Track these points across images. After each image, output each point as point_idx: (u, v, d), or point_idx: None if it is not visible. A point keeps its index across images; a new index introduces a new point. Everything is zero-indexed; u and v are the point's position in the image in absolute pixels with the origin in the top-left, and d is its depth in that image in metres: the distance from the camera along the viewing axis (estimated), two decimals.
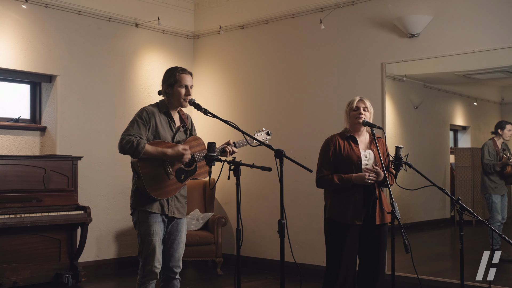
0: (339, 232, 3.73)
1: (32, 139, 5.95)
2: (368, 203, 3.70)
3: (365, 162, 3.73)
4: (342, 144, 3.78)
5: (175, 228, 3.60)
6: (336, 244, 3.75)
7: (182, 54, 7.17)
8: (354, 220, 3.69)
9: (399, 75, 5.94)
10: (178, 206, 3.59)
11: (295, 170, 4.31)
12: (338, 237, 3.73)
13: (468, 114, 6.85)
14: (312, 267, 5.90)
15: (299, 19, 6.29)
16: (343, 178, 3.69)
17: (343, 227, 3.71)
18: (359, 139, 3.81)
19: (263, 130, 3.88)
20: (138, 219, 3.50)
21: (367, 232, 3.75)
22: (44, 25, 5.91)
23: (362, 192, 3.70)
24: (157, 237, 3.48)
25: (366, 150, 3.79)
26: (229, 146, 3.60)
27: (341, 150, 3.76)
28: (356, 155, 3.74)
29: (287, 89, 6.41)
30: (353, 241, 3.73)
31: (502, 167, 6.00)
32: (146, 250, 3.47)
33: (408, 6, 5.48)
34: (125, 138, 3.40)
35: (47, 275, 5.50)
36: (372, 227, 3.73)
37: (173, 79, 3.57)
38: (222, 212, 6.87)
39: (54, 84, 6.01)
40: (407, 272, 5.01)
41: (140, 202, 3.48)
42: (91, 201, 6.04)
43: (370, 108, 3.79)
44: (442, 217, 6.83)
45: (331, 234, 3.80)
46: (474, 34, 5.12)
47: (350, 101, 3.83)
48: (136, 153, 3.37)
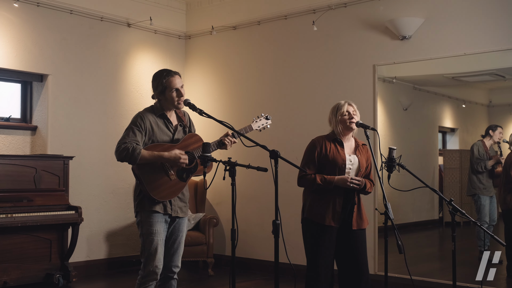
0: (317, 232, 3.75)
1: (22, 138, 5.92)
2: (346, 207, 3.73)
3: (349, 167, 3.77)
4: (329, 146, 3.80)
5: (177, 228, 3.61)
6: (314, 244, 3.77)
7: (174, 54, 7.16)
8: (332, 222, 3.71)
9: (389, 76, 5.98)
10: (181, 205, 3.60)
11: (286, 170, 4.33)
12: (316, 237, 3.76)
13: (456, 116, 6.91)
14: (303, 267, 5.91)
15: (292, 20, 6.31)
16: (325, 179, 3.70)
17: (321, 228, 3.73)
18: (345, 144, 3.84)
19: (261, 115, 3.87)
20: (141, 219, 3.52)
21: (343, 235, 3.77)
22: (36, 24, 5.87)
23: (342, 195, 3.73)
24: (159, 236, 3.48)
25: (351, 155, 3.82)
26: (227, 137, 3.59)
27: (327, 152, 3.78)
28: (342, 158, 3.76)
29: (279, 90, 6.43)
30: (330, 243, 3.75)
31: (493, 165, 6.06)
32: (148, 249, 3.47)
33: (400, 8, 5.53)
34: (121, 146, 3.41)
35: (37, 275, 5.47)
36: (349, 231, 3.76)
37: (161, 87, 3.55)
38: (213, 212, 6.87)
39: (45, 83, 5.98)
40: (398, 273, 5.05)
41: (144, 204, 3.49)
42: (82, 201, 6.01)
43: (357, 111, 3.84)
44: (430, 218, 6.89)
45: (309, 234, 3.82)
46: (465, 37, 5.17)
47: (336, 105, 3.85)
48: (133, 159, 3.38)
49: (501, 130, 6.09)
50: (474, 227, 6.21)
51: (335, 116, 3.84)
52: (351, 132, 3.85)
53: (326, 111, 5.95)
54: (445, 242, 7.02)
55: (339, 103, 3.85)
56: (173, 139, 3.59)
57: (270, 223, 3.19)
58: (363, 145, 3.89)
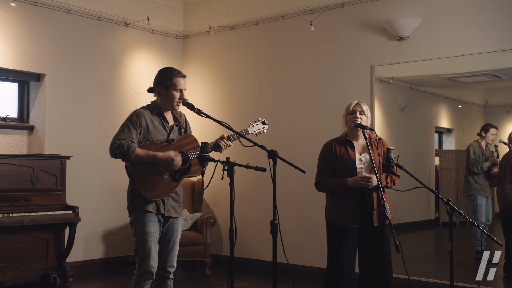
0: (337, 235, 3.79)
1: (19, 138, 5.90)
2: (364, 206, 3.74)
3: (360, 166, 3.78)
4: (338, 148, 3.84)
5: (171, 228, 3.61)
6: (335, 246, 3.81)
7: (171, 54, 7.16)
8: (350, 223, 3.74)
9: (385, 77, 5.99)
10: (175, 205, 3.60)
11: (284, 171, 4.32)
12: (337, 239, 3.80)
13: (452, 116, 6.93)
14: (300, 267, 5.94)
15: (289, 20, 6.31)
16: (337, 181, 3.76)
17: (340, 230, 3.77)
18: (356, 143, 3.85)
19: (258, 120, 3.86)
20: (134, 219, 3.52)
21: (365, 234, 3.79)
22: (33, 24, 5.86)
23: (357, 195, 3.74)
24: (153, 236, 3.48)
25: (362, 153, 3.83)
26: (223, 140, 3.60)
27: (336, 155, 3.82)
28: (351, 159, 3.78)
29: (276, 91, 6.44)
30: (352, 244, 3.78)
31: (490, 167, 6.08)
32: (142, 249, 3.47)
33: (397, 9, 5.54)
34: (115, 143, 3.41)
35: (34, 275, 5.46)
36: (370, 229, 3.77)
37: (169, 82, 3.55)
38: (210, 212, 6.87)
39: (42, 83, 5.97)
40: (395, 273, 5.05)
41: (137, 203, 3.49)
42: (79, 200, 6.00)
43: (367, 112, 3.83)
44: (426, 218, 6.91)
45: (330, 237, 3.87)
46: (462, 37, 5.19)
47: (348, 104, 3.87)
48: (127, 157, 3.38)
49: (494, 131, 6.10)
50: (470, 227, 6.24)
51: (345, 115, 3.86)
52: (360, 131, 3.81)
53: (324, 111, 6.02)
54: (441, 242, 7.04)
55: (350, 103, 3.85)
56: (168, 139, 3.59)
57: (267, 223, 3.19)
58: (377, 140, 3.84)
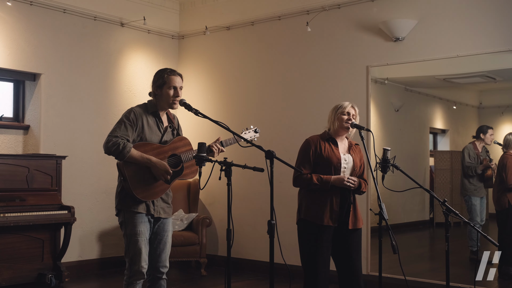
0: (315, 232, 3.73)
1: (15, 137, 5.88)
2: (343, 207, 3.74)
3: (344, 166, 3.77)
4: (323, 145, 3.79)
5: (162, 228, 3.60)
6: (312, 244, 3.75)
7: (167, 54, 7.16)
8: (330, 222, 3.70)
9: (380, 78, 6.01)
10: (164, 206, 3.60)
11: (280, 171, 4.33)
12: (314, 236, 3.74)
13: (447, 117, 6.97)
14: (296, 268, 5.93)
15: (285, 21, 6.32)
16: (322, 179, 3.69)
17: (318, 228, 3.72)
18: (339, 143, 3.85)
19: (250, 128, 3.88)
20: (124, 220, 3.50)
21: (340, 235, 3.77)
22: (29, 23, 5.85)
23: (339, 195, 3.73)
24: (143, 237, 3.48)
25: (346, 154, 3.83)
26: (216, 144, 3.61)
27: (321, 151, 3.77)
28: (337, 157, 3.76)
29: (272, 91, 6.44)
30: (328, 242, 3.75)
31: (484, 170, 6.12)
32: (133, 250, 3.46)
33: (393, 10, 5.56)
34: (111, 140, 3.39)
35: (30, 275, 5.44)
36: (345, 231, 3.76)
37: (161, 81, 3.57)
38: (206, 212, 6.88)
39: (38, 82, 5.95)
40: (390, 273, 5.08)
41: (126, 203, 3.47)
42: (75, 200, 5.98)
43: (357, 116, 3.85)
44: (421, 219, 6.94)
45: (306, 234, 3.80)
46: (458, 39, 5.21)
47: (339, 104, 3.85)
48: (121, 156, 3.37)
49: (492, 132, 6.14)
50: (465, 227, 6.28)
51: (335, 113, 3.84)
52: (346, 133, 3.85)
53: (320, 112, 6.02)
54: (436, 243, 7.07)
55: (343, 103, 3.84)
56: (161, 140, 3.59)
57: (263, 224, 3.19)
58: (355, 145, 3.90)
